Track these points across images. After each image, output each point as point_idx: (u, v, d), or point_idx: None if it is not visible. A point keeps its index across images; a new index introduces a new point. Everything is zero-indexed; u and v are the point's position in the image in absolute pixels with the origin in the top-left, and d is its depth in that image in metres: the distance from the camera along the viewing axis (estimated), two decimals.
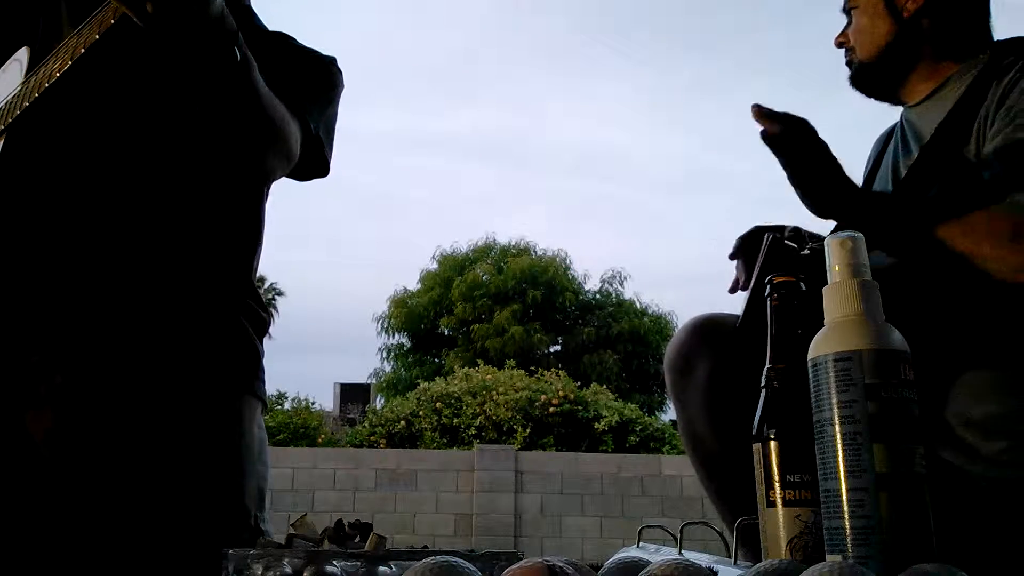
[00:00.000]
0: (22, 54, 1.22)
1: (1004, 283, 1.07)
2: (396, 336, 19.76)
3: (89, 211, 1.15)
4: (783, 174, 1.12)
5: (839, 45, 1.39)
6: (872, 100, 1.40)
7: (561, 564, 0.57)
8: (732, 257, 1.31)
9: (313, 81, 1.29)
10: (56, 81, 1.06)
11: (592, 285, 19.80)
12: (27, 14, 1.29)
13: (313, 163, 1.27)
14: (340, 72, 1.35)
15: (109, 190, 1.16)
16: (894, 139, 1.40)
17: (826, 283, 0.71)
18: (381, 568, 0.65)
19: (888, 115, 1.44)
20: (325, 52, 1.35)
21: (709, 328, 1.29)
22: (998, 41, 1.30)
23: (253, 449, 1.22)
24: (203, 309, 1.20)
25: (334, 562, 0.65)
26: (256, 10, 1.36)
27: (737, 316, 1.26)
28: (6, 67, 1.25)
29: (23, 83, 1.14)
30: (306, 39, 1.34)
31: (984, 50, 1.29)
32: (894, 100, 1.39)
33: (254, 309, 1.28)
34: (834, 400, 0.66)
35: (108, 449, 1.12)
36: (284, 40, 1.32)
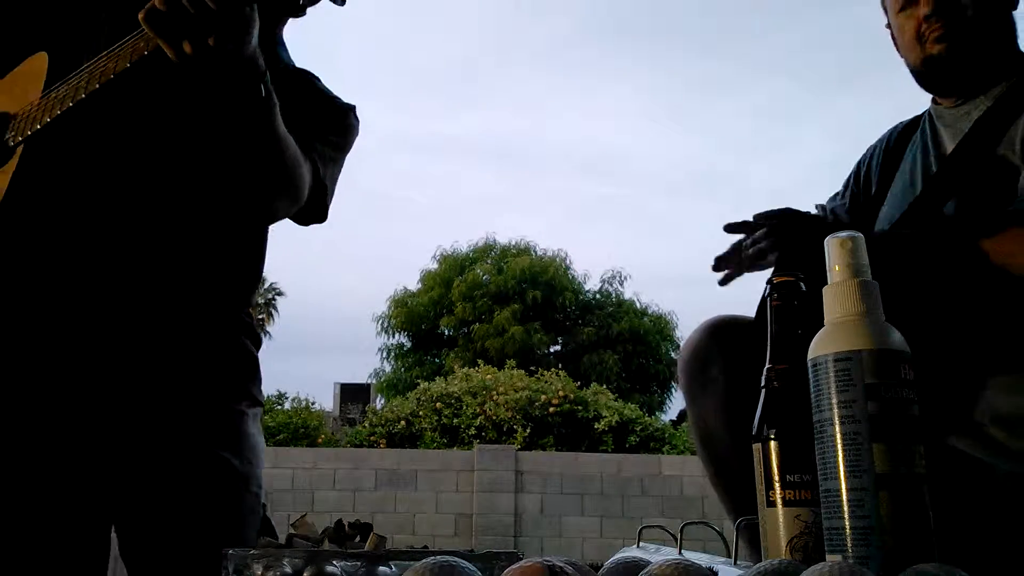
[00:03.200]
0: (39, 61, 1.21)
1: None
2: (396, 336, 19.76)
3: (103, 229, 1.17)
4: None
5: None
6: (873, 102, 1.42)
7: (561, 564, 0.57)
8: (728, 229, 1.32)
9: (328, 128, 1.30)
10: (80, 101, 1.06)
11: (592, 285, 19.80)
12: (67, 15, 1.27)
13: (314, 205, 1.27)
14: (357, 121, 1.35)
15: (124, 210, 1.17)
16: (921, 136, 1.41)
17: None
18: (381, 568, 0.65)
19: (889, 116, 1.45)
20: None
21: (725, 329, 1.30)
22: None
23: (259, 449, 1.27)
24: (209, 324, 1.24)
25: (334, 562, 0.65)
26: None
27: (752, 318, 1.26)
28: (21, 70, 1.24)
29: (44, 95, 1.13)
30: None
31: (1017, 59, 1.32)
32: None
33: (250, 325, 1.32)
34: (834, 400, 0.66)
35: (126, 453, 1.16)
36: (307, 80, 1.33)
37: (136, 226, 1.17)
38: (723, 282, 1.33)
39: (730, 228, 1.26)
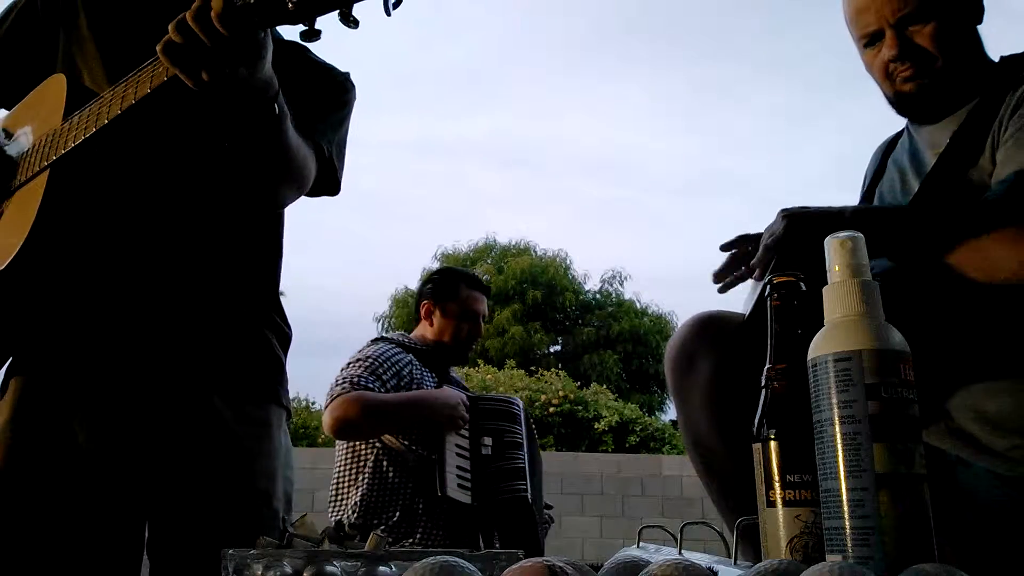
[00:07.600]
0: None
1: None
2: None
3: (130, 238, 1.22)
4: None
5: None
6: (878, 105, 1.41)
7: (561, 564, 0.57)
8: (724, 248, 1.33)
9: (327, 100, 1.32)
10: (104, 126, 1.10)
11: (592, 285, 19.79)
12: (46, 27, 1.32)
13: (324, 182, 1.30)
14: (353, 87, 1.38)
15: (148, 219, 1.23)
16: (900, 148, 1.40)
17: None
18: (381, 568, 0.65)
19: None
20: (336, 62, 1.38)
21: (712, 325, 1.29)
22: (1008, 56, 1.32)
23: (281, 455, 1.28)
24: (232, 323, 1.26)
25: (334, 562, 0.65)
26: None
27: (740, 314, 1.26)
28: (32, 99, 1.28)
29: (67, 120, 1.17)
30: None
31: (988, 70, 1.31)
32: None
33: (278, 324, 1.34)
34: (834, 400, 0.66)
35: (147, 452, 1.19)
36: (300, 52, 1.34)
37: (159, 233, 1.22)
38: (722, 289, 1.34)
39: (726, 247, 1.30)
